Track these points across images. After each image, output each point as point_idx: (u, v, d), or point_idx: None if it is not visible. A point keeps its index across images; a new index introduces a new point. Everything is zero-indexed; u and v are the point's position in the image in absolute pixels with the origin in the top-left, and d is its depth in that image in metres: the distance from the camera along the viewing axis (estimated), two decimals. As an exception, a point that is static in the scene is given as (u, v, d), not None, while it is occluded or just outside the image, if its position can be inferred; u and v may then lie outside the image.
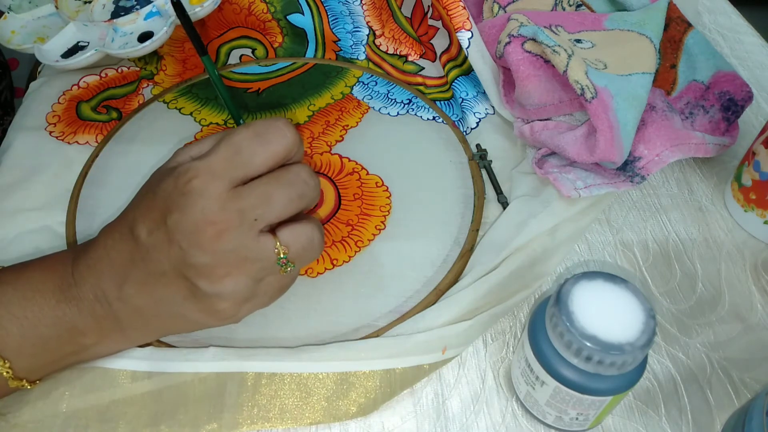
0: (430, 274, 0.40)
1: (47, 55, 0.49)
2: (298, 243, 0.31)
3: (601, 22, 0.50)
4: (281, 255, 0.30)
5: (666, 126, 0.44)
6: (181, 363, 0.35)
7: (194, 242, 0.29)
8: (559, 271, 0.42)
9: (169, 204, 0.29)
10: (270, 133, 0.30)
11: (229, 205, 0.29)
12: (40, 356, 0.32)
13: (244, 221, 0.29)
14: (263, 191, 0.30)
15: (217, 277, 0.30)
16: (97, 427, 0.33)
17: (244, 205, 0.29)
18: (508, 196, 0.45)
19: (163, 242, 0.29)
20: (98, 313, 0.32)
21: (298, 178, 0.30)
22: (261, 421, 0.34)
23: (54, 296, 0.32)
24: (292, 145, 0.30)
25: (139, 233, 0.30)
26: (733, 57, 0.59)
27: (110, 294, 0.31)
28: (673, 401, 0.36)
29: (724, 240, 0.44)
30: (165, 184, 0.30)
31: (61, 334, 0.32)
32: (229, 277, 0.30)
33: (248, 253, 0.30)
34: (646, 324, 0.29)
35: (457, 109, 0.52)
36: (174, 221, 0.29)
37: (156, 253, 0.30)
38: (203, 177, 0.29)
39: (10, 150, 0.47)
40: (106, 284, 0.31)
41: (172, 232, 0.29)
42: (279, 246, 0.30)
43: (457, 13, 0.50)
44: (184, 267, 0.30)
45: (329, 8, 0.57)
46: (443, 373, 0.37)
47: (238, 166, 0.29)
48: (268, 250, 0.30)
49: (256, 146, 0.29)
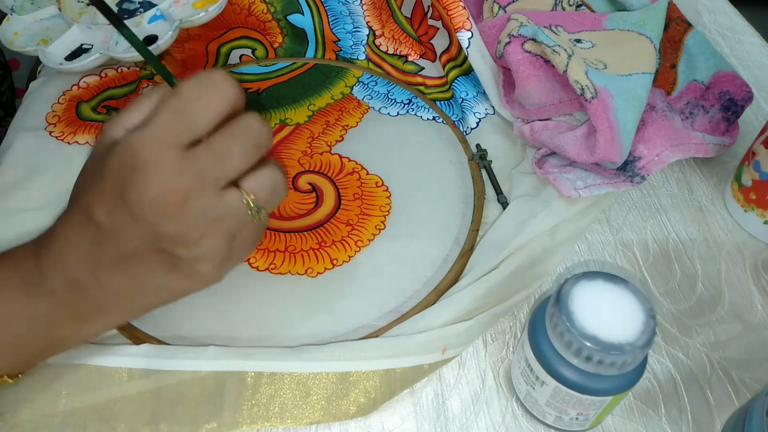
0: (430, 274, 0.40)
1: (51, 57, 0.49)
2: (264, 187, 0.30)
3: (601, 22, 0.50)
4: (251, 204, 0.30)
5: (666, 126, 0.44)
6: (181, 361, 0.35)
7: (161, 213, 0.28)
8: (559, 271, 0.42)
9: (123, 181, 0.28)
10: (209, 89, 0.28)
11: (186, 169, 0.28)
12: (17, 354, 0.32)
13: (206, 182, 0.28)
14: (218, 149, 0.29)
15: (192, 241, 0.29)
16: (96, 427, 0.33)
17: (201, 165, 0.28)
18: (508, 196, 0.45)
19: (127, 221, 0.28)
20: (73, 303, 0.31)
21: (251, 128, 0.30)
22: (261, 420, 0.34)
23: (23, 291, 0.31)
24: (234, 96, 0.29)
25: (99, 217, 0.29)
26: (733, 57, 0.59)
27: (83, 281, 0.30)
28: (673, 401, 0.36)
29: (724, 240, 0.44)
30: (111, 163, 0.28)
31: (36, 331, 0.31)
32: (204, 239, 0.29)
33: (218, 211, 0.29)
34: (646, 324, 0.29)
35: (457, 109, 0.52)
36: (134, 197, 0.28)
37: (122, 232, 0.29)
38: (151, 147, 0.28)
39: (10, 150, 0.47)
40: (76, 273, 0.30)
41: (134, 208, 0.28)
42: (246, 195, 0.30)
43: (457, 13, 0.50)
44: (158, 239, 0.29)
45: (329, 8, 0.57)
46: (443, 373, 0.37)
47: (184, 129, 0.28)
48: (237, 204, 0.30)
49: (197, 105, 0.28)
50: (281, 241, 0.42)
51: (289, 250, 0.41)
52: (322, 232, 0.42)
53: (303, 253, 0.41)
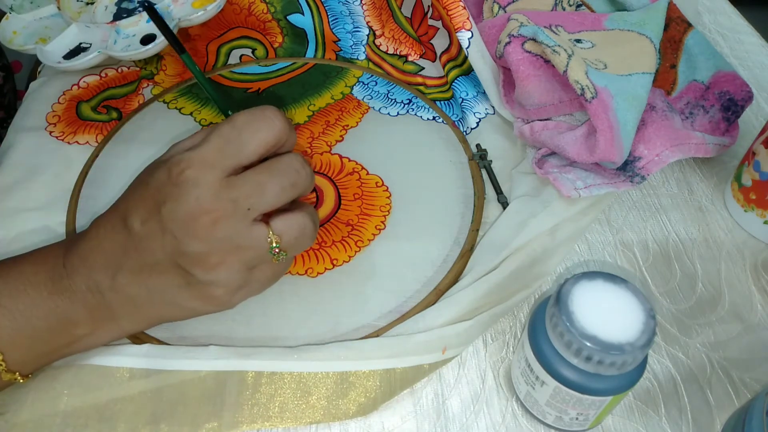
0: (430, 274, 0.40)
1: (49, 56, 0.49)
2: (291, 232, 0.31)
3: (601, 22, 0.50)
4: (274, 244, 0.31)
5: (666, 126, 0.44)
6: (181, 361, 0.35)
7: (188, 231, 0.29)
8: (559, 271, 0.42)
9: (163, 194, 0.30)
10: (259, 121, 0.30)
11: (222, 194, 0.29)
12: (33, 348, 0.32)
13: (238, 210, 0.30)
14: (256, 181, 0.30)
15: (211, 265, 0.30)
16: (96, 426, 0.33)
17: (238, 194, 0.30)
18: (508, 196, 0.45)
19: (156, 231, 0.30)
20: (91, 304, 0.32)
21: (291, 168, 0.31)
22: (261, 420, 0.34)
23: (46, 288, 0.32)
24: (282, 132, 0.31)
25: (132, 223, 0.30)
26: (733, 57, 0.59)
27: (103, 284, 0.32)
28: (673, 401, 0.36)
29: (724, 240, 0.44)
30: (158, 175, 0.30)
31: (54, 326, 0.32)
32: (223, 265, 0.30)
33: (241, 242, 0.30)
34: (646, 324, 0.29)
35: (457, 109, 0.52)
36: (168, 210, 0.29)
37: (149, 242, 0.30)
38: (196, 167, 0.29)
39: (10, 150, 0.47)
40: (99, 275, 0.32)
41: (165, 221, 0.29)
42: (272, 235, 0.31)
43: (457, 13, 0.50)
44: (178, 255, 0.30)
45: (329, 8, 0.57)
46: (443, 373, 0.37)
47: (230, 156, 0.30)
48: (261, 239, 0.30)
49: (246, 135, 0.30)
50: (281, 241, 0.42)
51: (289, 250, 0.41)
52: (322, 232, 0.42)
53: (303, 253, 0.41)
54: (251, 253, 0.31)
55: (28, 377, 0.34)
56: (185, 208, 0.29)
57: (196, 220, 0.29)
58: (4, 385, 0.34)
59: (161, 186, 0.30)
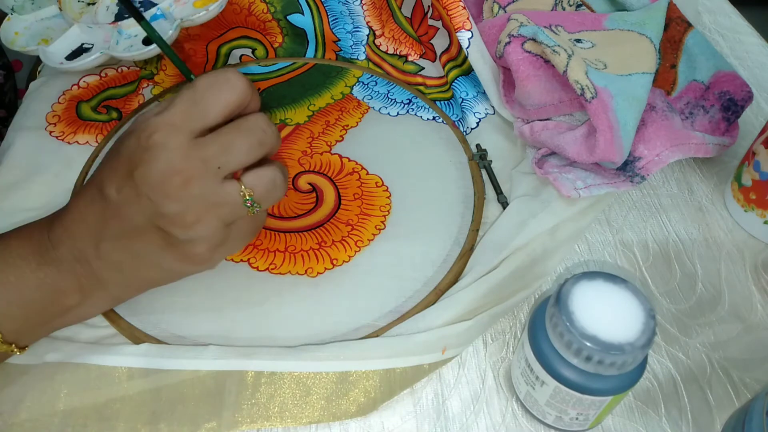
0: (430, 274, 0.40)
1: (51, 57, 0.49)
2: (262, 184, 0.32)
3: (601, 22, 0.50)
4: (247, 197, 0.32)
5: (666, 126, 0.44)
6: (181, 361, 0.35)
7: (162, 192, 0.30)
8: (559, 271, 0.42)
9: (134, 160, 0.30)
10: (222, 83, 0.31)
11: (192, 154, 0.30)
12: (27, 319, 0.33)
13: (208, 169, 0.30)
14: (224, 140, 0.31)
15: (188, 223, 0.31)
16: (96, 426, 0.33)
17: (206, 154, 0.30)
18: (508, 196, 0.45)
19: (132, 197, 0.31)
20: (78, 273, 0.33)
21: (257, 126, 0.32)
22: (260, 419, 0.34)
23: (34, 260, 0.33)
24: (244, 93, 0.31)
25: (109, 192, 0.31)
26: (733, 57, 0.59)
27: (88, 253, 0.33)
28: (673, 401, 0.36)
29: (724, 240, 0.44)
30: (128, 143, 0.31)
31: (45, 296, 0.33)
32: (200, 222, 0.31)
33: (215, 198, 0.31)
34: (646, 324, 0.29)
35: (457, 109, 0.52)
36: (140, 175, 0.30)
37: (127, 208, 0.31)
38: (163, 131, 0.30)
39: (10, 150, 0.47)
40: (83, 244, 0.33)
41: (139, 185, 0.30)
42: (244, 189, 0.32)
43: (457, 13, 0.50)
44: (156, 217, 0.31)
45: (329, 8, 0.57)
46: (443, 373, 0.37)
47: (195, 118, 0.31)
48: (234, 194, 0.31)
49: (209, 97, 0.31)
50: (281, 241, 0.42)
51: (289, 250, 0.41)
52: (322, 232, 0.42)
53: (303, 253, 0.41)
54: (226, 209, 0.32)
55: (25, 349, 0.35)
56: (156, 170, 0.30)
57: (169, 181, 0.30)
58: (2, 357, 0.35)
59: (132, 153, 0.31)
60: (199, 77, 0.32)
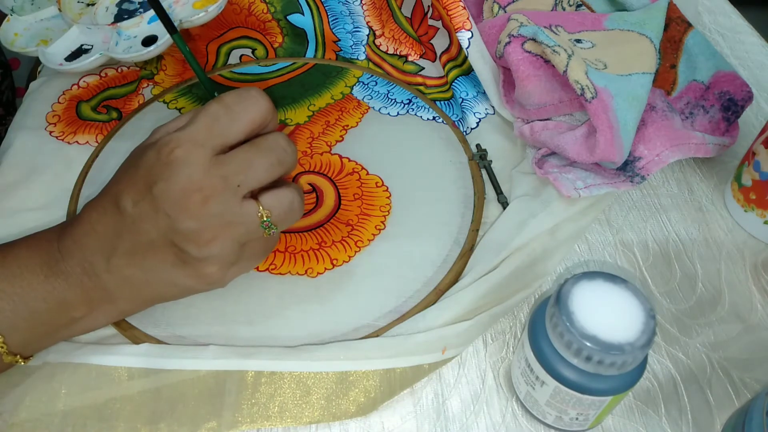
0: (430, 274, 0.40)
1: (51, 58, 0.49)
2: (280, 207, 0.32)
3: (601, 22, 0.50)
4: (264, 218, 0.32)
5: (666, 126, 0.44)
6: (181, 361, 0.35)
7: (181, 209, 0.30)
8: (559, 271, 0.42)
9: (153, 174, 0.30)
10: (245, 101, 0.31)
11: (212, 172, 0.30)
12: (33, 330, 0.33)
13: (228, 187, 0.30)
14: (244, 158, 0.31)
15: (204, 241, 0.31)
16: (96, 426, 0.33)
17: (227, 171, 0.30)
18: (508, 196, 0.45)
19: (149, 212, 0.30)
20: (87, 286, 0.33)
21: (277, 145, 0.32)
22: (260, 419, 0.34)
23: (42, 272, 0.32)
24: (266, 112, 0.32)
25: (125, 205, 0.31)
26: (733, 57, 0.59)
27: (98, 266, 0.32)
28: (673, 401, 0.36)
29: (724, 240, 0.44)
30: (147, 157, 0.31)
31: (52, 308, 0.33)
32: (215, 241, 0.31)
33: (233, 218, 0.31)
34: (646, 324, 0.29)
35: (457, 109, 0.52)
36: (160, 190, 0.30)
37: (143, 223, 0.31)
38: (186, 146, 0.30)
39: (10, 150, 0.47)
40: (94, 257, 0.32)
41: (158, 200, 0.30)
42: (262, 210, 0.32)
43: (457, 13, 0.50)
44: (172, 233, 0.31)
45: (329, 8, 0.57)
46: (443, 373, 0.37)
47: (218, 135, 0.31)
48: (252, 214, 0.31)
49: (232, 115, 0.31)
50: (281, 241, 0.42)
51: (289, 250, 0.41)
52: (322, 232, 0.42)
53: (303, 253, 0.41)
54: (242, 229, 0.31)
55: (29, 359, 0.35)
56: (177, 186, 0.30)
57: (188, 198, 0.30)
58: (6, 367, 0.34)
59: (151, 167, 0.30)
60: (223, 94, 0.32)
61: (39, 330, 0.33)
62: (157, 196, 0.30)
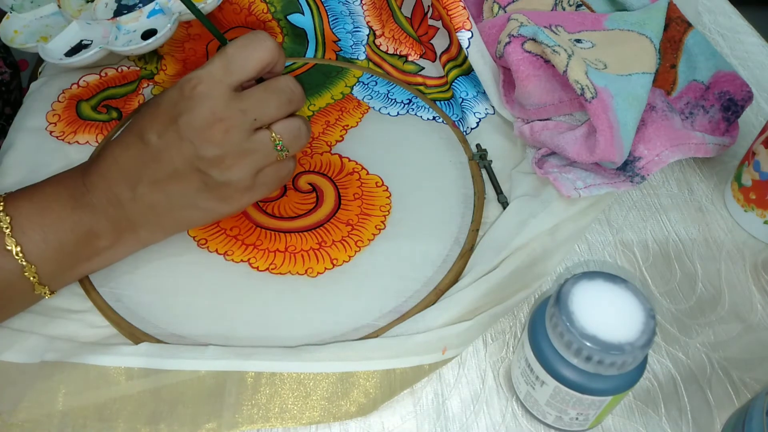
0: (430, 274, 0.40)
1: (51, 53, 0.49)
2: (289, 131, 0.36)
3: (601, 22, 0.50)
4: (277, 142, 0.36)
5: (666, 126, 0.44)
6: (181, 361, 0.35)
7: (205, 138, 0.34)
8: (559, 271, 0.42)
9: (178, 108, 0.34)
10: (255, 42, 0.35)
11: (232, 105, 0.34)
12: (61, 261, 0.36)
13: (246, 119, 0.34)
14: (260, 97, 0.35)
15: (226, 166, 0.35)
16: (96, 426, 0.33)
17: (245, 106, 0.34)
18: (508, 196, 0.45)
19: (174, 141, 0.34)
20: (112, 216, 0.36)
21: (287, 87, 0.36)
22: (261, 420, 0.34)
23: (69, 204, 0.35)
24: (275, 51, 0.35)
25: (150, 138, 0.34)
26: (733, 57, 0.59)
27: (123, 196, 0.36)
28: (673, 401, 0.36)
29: (724, 240, 0.44)
30: (170, 94, 0.34)
31: (79, 238, 0.36)
32: (236, 167, 0.35)
33: (250, 146, 0.35)
34: (646, 324, 0.29)
35: (457, 109, 0.52)
36: (184, 121, 0.33)
37: (168, 151, 0.34)
38: (207, 82, 0.34)
39: (11, 150, 0.47)
40: (119, 188, 0.36)
41: (183, 131, 0.34)
42: (274, 135, 0.36)
43: (457, 13, 0.50)
44: (197, 160, 0.34)
45: (329, 8, 0.57)
46: (443, 373, 0.37)
47: (234, 72, 0.34)
48: (266, 141, 0.35)
49: (245, 54, 0.34)
50: (281, 241, 0.42)
51: (289, 250, 0.41)
52: (322, 232, 0.42)
53: (303, 253, 0.41)
54: (258, 156, 0.35)
55: (54, 294, 0.37)
56: (201, 117, 0.33)
57: (212, 128, 0.33)
58: (33, 301, 0.37)
59: (175, 102, 0.34)
60: (236, 38, 0.35)
61: (65, 261, 0.36)
62: (182, 126, 0.33)
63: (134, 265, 0.40)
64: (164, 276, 0.40)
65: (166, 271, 0.40)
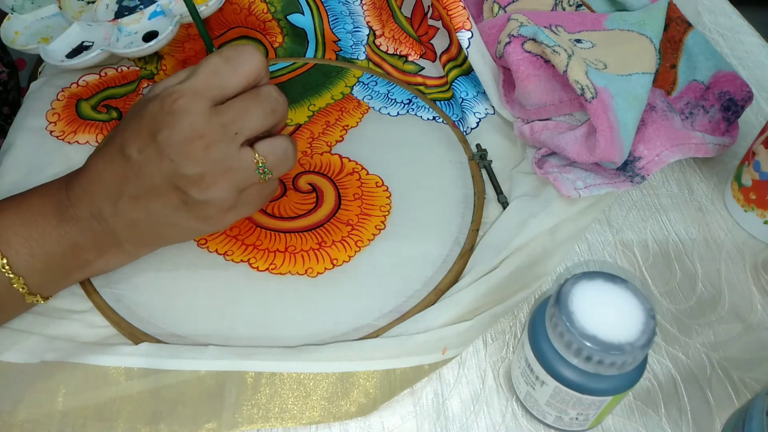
0: (430, 274, 0.40)
1: (52, 55, 0.49)
2: (274, 153, 0.35)
3: (601, 22, 0.50)
4: (260, 164, 0.34)
5: (666, 126, 0.44)
6: (181, 361, 0.35)
7: (185, 154, 0.32)
8: (559, 271, 0.42)
9: (158, 123, 0.32)
10: (241, 56, 0.34)
11: (213, 120, 0.32)
12: (50, 272, 0.35)
13: (227, 134, 0.33)
14: (241, 107, 0.33)
15: (206, 185, 0.33)
16: (96, 426, 0.33)
17: (226, 119, 0.33)
18: (508, 196, 0.45)
19: (154, 157, 0.33)
20: (96, 230, 0.35)
21: (270, 96, 0.34)
22: (260, 420, 0.34)
23: (54, 217, 0.35)
24: (261, 66, 0.34)
25: (130, 152, 0.33)
26: (733, 57, 0.59)
27: (105, 211, 0.35)
28: (673, 401, 0.36)
29: (724, 240, 0.44)
30: (151, 107, 0.33)
31: (65, 251, 0.35)
32: (216, 185, 0.33)
33: (232, 163, 0.33)
34: (646, 324, 0.29)
35: (457, 109, 0.52)
36: (164, 137, 0.32)
37: (148, 168, 0.33)
38: (187, 97, 0.32)
39: (10, 150, 0.47)
40: (101, 203, 0.35)
41: (162, 147, 0.32)
42: (258, 156, 0.34)
43: (457, 13, 0.50)
44: (176, 177, 0.33)
45: (329, 8, 0.57)
46: (443, 373, 0.37)
47: (217, 86, 0.33)
48: (249, 161, 0.34)
49: (230, 68, 0.33)
50: (281, 241, 0.42)
51: (289, 250, 0.41)
52: (322, 232, 0.42)
53: (303, 253, 0.41)
54: (240, 175, 0.34)
55: (48, 299, 0.37)
56: (181, 133, 0.32)
57: (191, 144, 0.32)
58: (28, 307, 0.37)
59: (155, 116, 0.33)
60: (221, 49, 0.34)
61: (55, 272, 0.36)
62: (161, 142, 0.32)
63: (134, 266, 0.40)
64: (164, 276, 0.40)
65: (166, 271, 0.40)
